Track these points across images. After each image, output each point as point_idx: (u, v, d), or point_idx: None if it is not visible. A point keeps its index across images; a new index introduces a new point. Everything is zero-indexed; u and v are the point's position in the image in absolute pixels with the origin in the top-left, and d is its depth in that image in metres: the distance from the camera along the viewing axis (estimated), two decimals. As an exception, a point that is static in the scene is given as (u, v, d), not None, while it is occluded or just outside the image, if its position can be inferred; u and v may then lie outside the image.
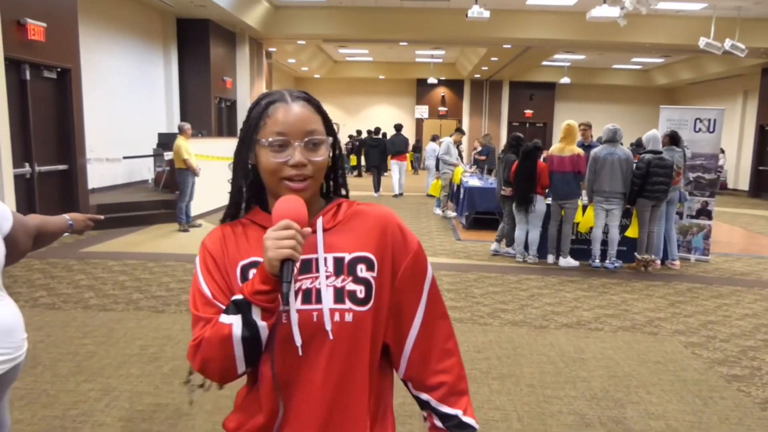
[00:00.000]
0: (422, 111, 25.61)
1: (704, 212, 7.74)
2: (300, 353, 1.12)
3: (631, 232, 7.01)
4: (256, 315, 1.08)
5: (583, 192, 7.10)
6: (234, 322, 1.08)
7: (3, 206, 1.80)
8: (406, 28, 14.90)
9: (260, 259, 1.12)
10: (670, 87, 24.41)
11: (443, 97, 25.75)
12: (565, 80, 22.59)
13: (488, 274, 6.61)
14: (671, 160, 6.68)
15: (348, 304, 1.14)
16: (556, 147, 7.05)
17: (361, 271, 1.16)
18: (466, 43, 17.39)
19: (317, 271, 1.15)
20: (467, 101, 25.45)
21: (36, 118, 7.63)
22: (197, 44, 13.09)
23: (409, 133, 22.49)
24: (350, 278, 1.16)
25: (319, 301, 1.13)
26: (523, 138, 7.73)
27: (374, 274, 1.17)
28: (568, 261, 7.06)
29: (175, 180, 9.06)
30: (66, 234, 2.15)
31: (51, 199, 7.96)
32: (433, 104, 25.78)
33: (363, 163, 21.60)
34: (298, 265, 1.10)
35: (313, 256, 1.16)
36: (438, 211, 11.28)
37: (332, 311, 1.13)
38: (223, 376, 1.14)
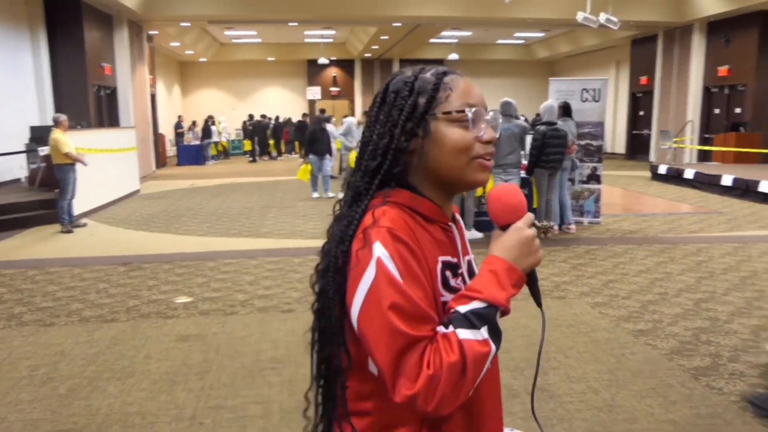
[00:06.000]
0: (314, 92, 25.27)
1: (594, 177, 8.17)
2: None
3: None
4: (498, 322, 0.97)
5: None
6: (488, 338, 0.93)
7: None
8: (295, 7, 14.47)
9: (455, 260, 1.05)
10: (550, 60, 25.65)
11: (335, 77, 25.51)
12: (453, 56, 23.08)
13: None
14: (565, 131, 6.94)
15: None
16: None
17: None
18: (357, 22, 17.23)
19: (460, 275, 1.08)
20: (359, 81, 25.36)
21: None
22: (69, 28, 11.87)
23: (301, 115, 22.05)
24: None
25: None
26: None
27: None
28: (472, 233, 7.18)
29: (53, 177, 8.28)
30: None
31: None
32: (325, 85, 25.48)
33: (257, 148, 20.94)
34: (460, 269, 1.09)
35: (454, 259, 1.07)
36: (315, 194, 11.00)
37: None
38: (456, 405, 0.92)
